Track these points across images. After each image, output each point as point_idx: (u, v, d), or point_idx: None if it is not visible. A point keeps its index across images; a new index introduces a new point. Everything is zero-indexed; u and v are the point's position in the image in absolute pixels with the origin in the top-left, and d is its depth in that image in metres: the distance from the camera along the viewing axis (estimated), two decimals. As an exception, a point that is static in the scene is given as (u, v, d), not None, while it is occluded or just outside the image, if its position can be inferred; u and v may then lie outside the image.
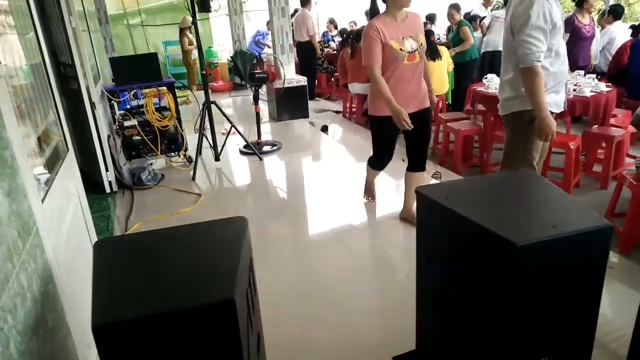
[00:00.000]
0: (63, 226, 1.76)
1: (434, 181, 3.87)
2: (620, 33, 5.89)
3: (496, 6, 7.22)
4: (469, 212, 1.38)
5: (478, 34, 6.72)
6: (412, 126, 2.69)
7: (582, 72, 4.50)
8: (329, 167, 4.79)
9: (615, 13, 5.96)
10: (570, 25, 5.20)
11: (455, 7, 6.23)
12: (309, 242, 3.18)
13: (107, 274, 1.20)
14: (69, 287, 1.59)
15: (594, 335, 1.47)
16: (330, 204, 3.68)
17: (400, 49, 2.73)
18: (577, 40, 5.31)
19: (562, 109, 2.57)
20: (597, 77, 4.28)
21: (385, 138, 3.05)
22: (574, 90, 3.97)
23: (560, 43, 2.41)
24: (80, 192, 2.18)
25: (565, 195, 1.51)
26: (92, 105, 3.72)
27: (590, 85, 4.03)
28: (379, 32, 2.69)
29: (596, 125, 4.02)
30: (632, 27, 5.95)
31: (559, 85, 2.49)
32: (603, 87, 4.04)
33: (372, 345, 2.06)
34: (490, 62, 6.33)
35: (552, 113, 2.46)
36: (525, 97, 2.38)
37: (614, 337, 1.97)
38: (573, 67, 4.99)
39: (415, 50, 2.79)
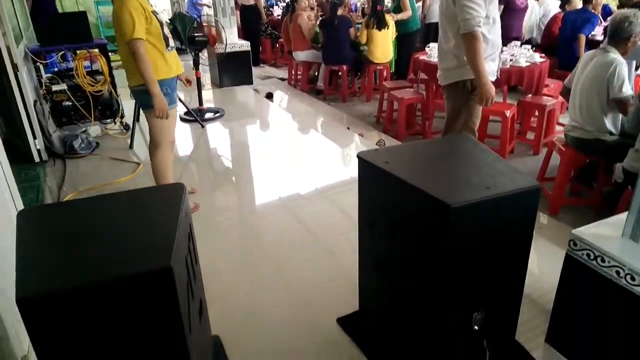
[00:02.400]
0: (-18, 196, 1.63)
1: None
2: (555, 6, 6.11)
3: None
4: (407, 175, 1.41)
5: (419, 4, 6.75)
6: None
7: (518, 42, 4.65)
8: (274, 134, 4.72)
9: None
10: None
11: None
12: (254, 211, 3.15)
13: (32, 244, 1.12)
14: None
15: (523, 290, 1.57)
16: (275, 172, 3.64)
17: None
18: (510, 12, 5.51)
19: (496, 77, 2.65)
20: (532, 49, 4.44)
21: None
22: (510, 60, 4.10)
23: (496, 11, 2.47)
24: (2, 160, 2.02)
25: (499, 159, 1.57)
26: (15, 67, 3.42)
27: (525, 56, 4.18)
28: None
29: (530, 95, 4.20)
30: None
31: (495, 54, 2.56)
32: (537, 58, 4.20)
33: (318, 309, 2.09)
34: (436, 31, 6.39)
35: None
36: (467, 66, 2.43)
37: (542, 293, 2.11)
38: (505, 38, 5.14)
39: None
